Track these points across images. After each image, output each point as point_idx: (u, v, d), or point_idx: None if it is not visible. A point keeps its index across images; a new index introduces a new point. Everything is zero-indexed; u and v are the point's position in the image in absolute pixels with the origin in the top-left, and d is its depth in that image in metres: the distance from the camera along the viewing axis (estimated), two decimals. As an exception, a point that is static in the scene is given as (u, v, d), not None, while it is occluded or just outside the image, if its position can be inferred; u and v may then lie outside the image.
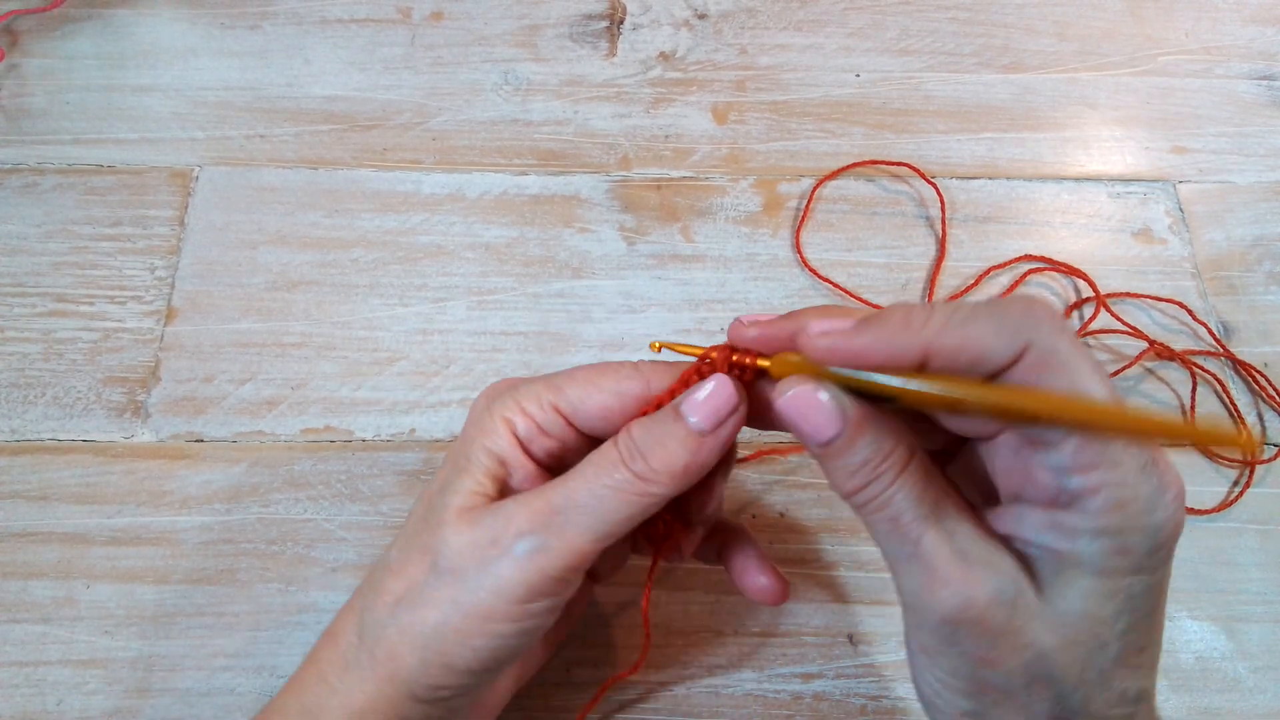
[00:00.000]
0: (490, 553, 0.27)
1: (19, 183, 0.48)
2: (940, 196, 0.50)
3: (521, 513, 0.27)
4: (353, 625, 0.28)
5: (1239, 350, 0.47)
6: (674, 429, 0.27)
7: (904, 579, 0.25)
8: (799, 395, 0.25)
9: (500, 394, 0.29)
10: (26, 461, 0.42)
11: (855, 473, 0.25)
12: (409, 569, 0.28)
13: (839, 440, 0.25)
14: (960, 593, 0.23)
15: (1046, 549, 0.24)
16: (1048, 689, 0.24)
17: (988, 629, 0.23)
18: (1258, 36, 0.57)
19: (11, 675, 0.37)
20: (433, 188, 0.50)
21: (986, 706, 0.25)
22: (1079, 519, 0.23)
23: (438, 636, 0.27)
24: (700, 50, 0.55)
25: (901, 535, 0.24)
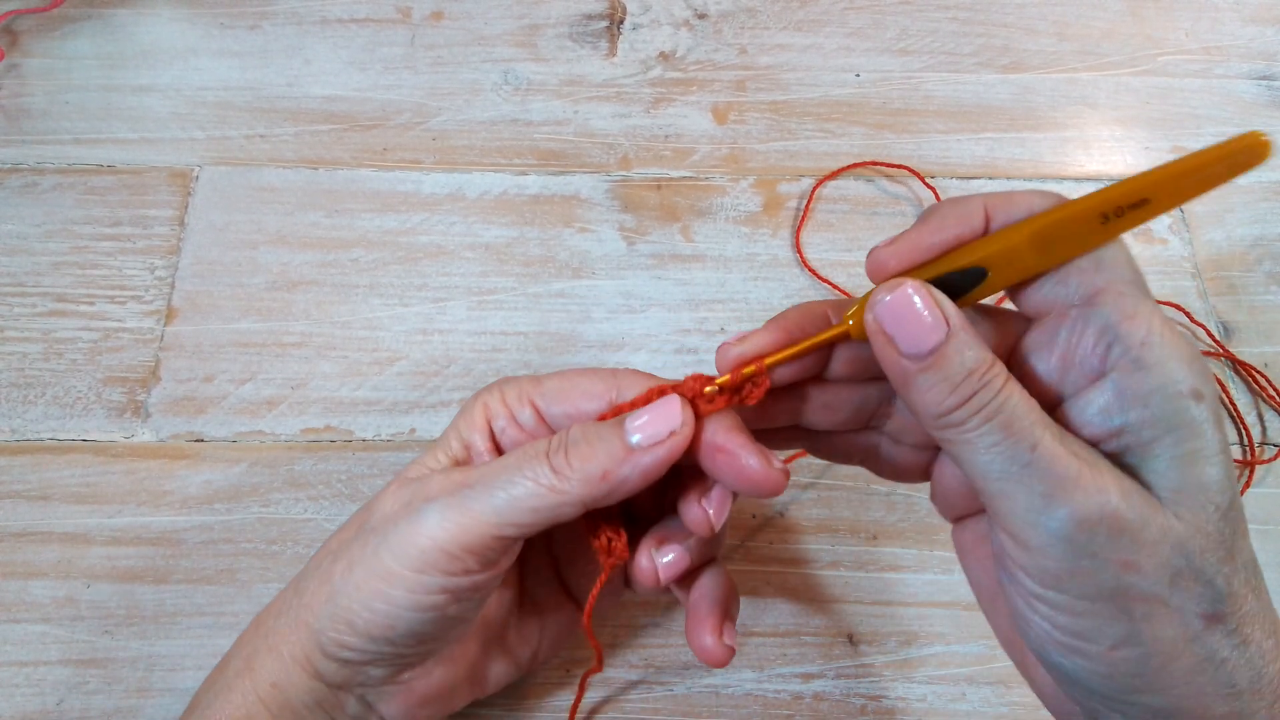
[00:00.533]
0: (400, 514, 0.27)
1: (19, 183, 0.48)
2: (939, 199, 0.50)
3: (438, 481, 0.27)
4: (294, 579, 0.30)
5: (1239, 350, 0.47)
6: (608, 434, 0.27)
7: (1018, 496, 0.23)
8: (899, 299, 0.23)
9: (496, 384, 0.30)
10: (26, 461, 0.42)
11: (961, 383, 0.23)
12: (347, 529, 0.29)
13: (946, 345, 0.23)
14: (1095, 492, 0.22)
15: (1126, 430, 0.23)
16: (1193, 580, 0.22)
17: (1127, 527, 0.22)
18: (1258, 36, 0.57)
19: (11, 675, 0.37)
20: (433, 188, 0.50)
21: (1138, 624, 0.22)
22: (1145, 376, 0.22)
23: (343, 590, 0.27)
24: (700, 50, 0.55)
25: (1016, 443, 0.22)
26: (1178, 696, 0.23)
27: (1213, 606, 0.22)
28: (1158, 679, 0.23)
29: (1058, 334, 0.24)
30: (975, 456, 0.23)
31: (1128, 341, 0.22)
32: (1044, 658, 0.25)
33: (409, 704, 0.30)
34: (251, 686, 0.28)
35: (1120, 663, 0.23)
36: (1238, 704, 0.22)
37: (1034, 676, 0.28)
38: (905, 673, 0.39)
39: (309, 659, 0.28)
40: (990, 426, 0.23)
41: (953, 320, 0.23)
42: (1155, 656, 0.22)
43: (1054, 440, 0.22)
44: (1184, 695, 0.23)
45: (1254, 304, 0.49)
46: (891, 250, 0.25)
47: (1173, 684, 0.23)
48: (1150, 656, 0.22)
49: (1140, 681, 0.23)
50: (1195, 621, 0.22)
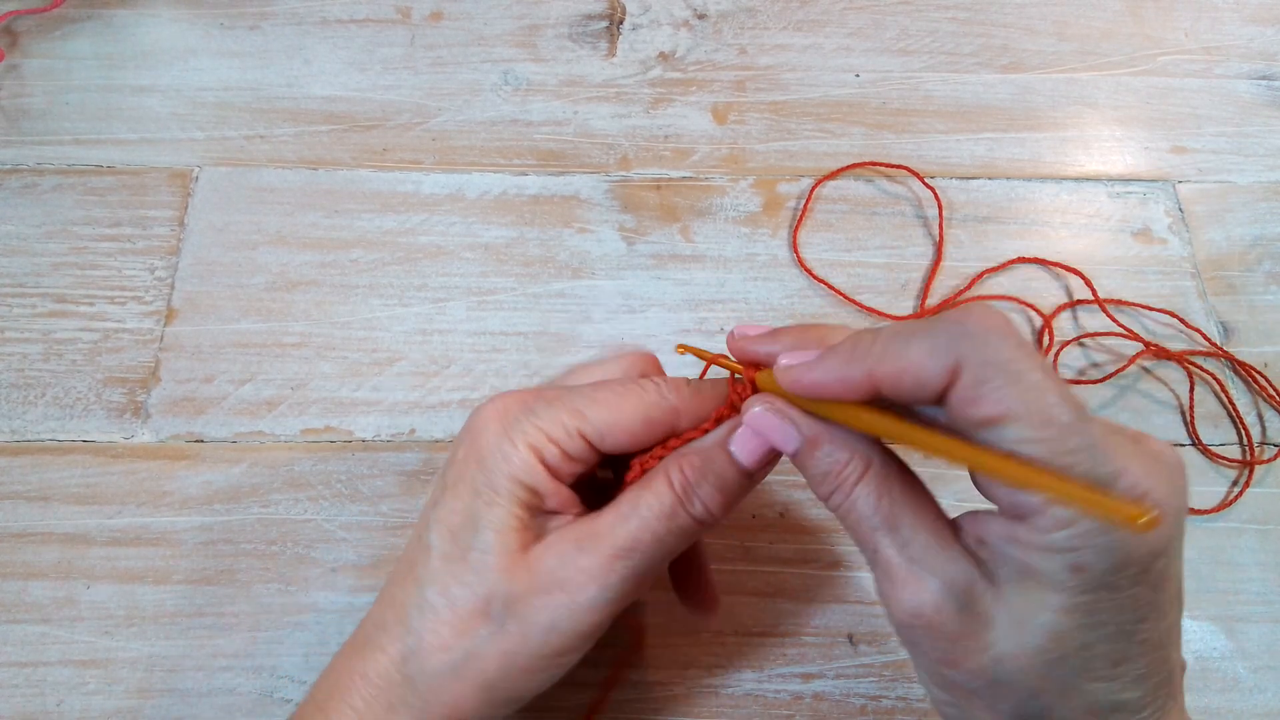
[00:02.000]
0: (562, 599, 0.27)
1: (19, 183, 0.48)
2: (938, 200, 0.50)
3: (589, 560, 0.27)
4: (393, 670, 0.28)
5: (1238, 350, 0.47)
6: (726, 470, 0.28)
7: (875, 581, 0.26)
8: (759, 415, 0.28)
9: (515, 418, 0.29)
10: (26, 461, 0.42)
11: (819, 482, 0.27)
12: (460, 617, 0.27)
13: (799, 454, 0.27)
14: (912, 597, 0.24)
15: (1008, 557, 0.24)
16: (1009, 691, 0.24)
17: (940, 632, 0.24)
18: (1257, 36, 0.57)
19: (11, 675, 0.37)
20: (432, 188, 0.50)
21: (958, 700, 0.26)
22: (1029, 533, 0.23)
23: (505, 680, 0.28)
24: (700, 50, 0.55)
25: (863, 541, 0.26)
26: None
27: (1029, 716, 0.24)
28: None
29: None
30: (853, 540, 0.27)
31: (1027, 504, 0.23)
32: None
33: None
34: None
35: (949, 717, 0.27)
36: None
37: None
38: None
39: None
40: (846, 522, 0.27)
41: (805, 431, 0.27)
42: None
43: (890, 545, 0.25)
44: None
45: (1254, 304, 0.49)
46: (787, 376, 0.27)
47: None
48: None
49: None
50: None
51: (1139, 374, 0.46)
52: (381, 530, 0.41)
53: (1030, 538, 0.23)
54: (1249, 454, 0.44)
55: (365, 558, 0.40)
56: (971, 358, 0.22)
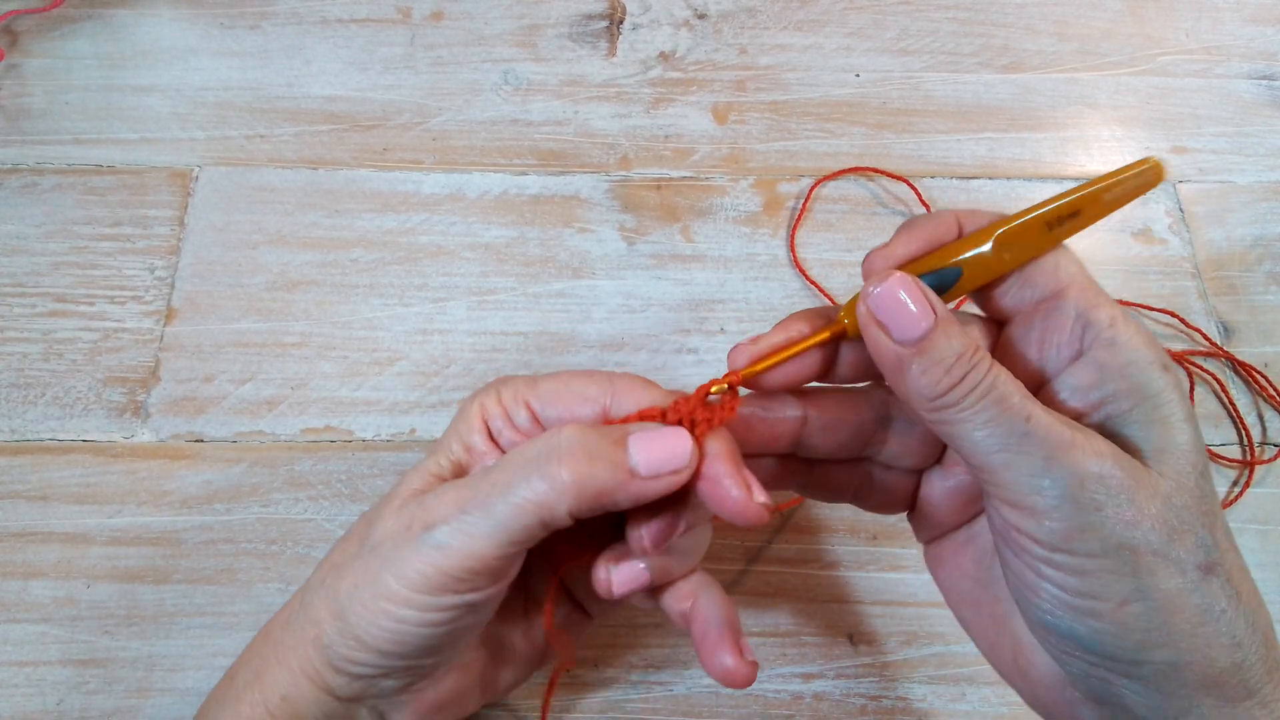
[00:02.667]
0: (403, 537, 0.27)
1: (19, 183, 0.48)
2: (927, 209, 0.50)
3: (435, 503, 0.27)
4: (300, 591, 0.30)
5: (1239, 350, 0.47)
6: (609, 452, 0.26)
7: (1019, 465, 0.24)
8: (888, 290, 0.25)
9: (488, 386, 0.30)
10: (26, 461, 0.42)
11: (953, 365, 0.24)
12: (350, 541, 0.29)
13: (934, 331, 0.24)
14: (1092, 452, 0.23)
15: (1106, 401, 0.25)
16: (1185, 532, 0.24)
17: (1124, 482, 0.23)
18: (1258, 36, 0.57)
19: (11, 675, 0.37)
20: (433, 188, 0.50)
21: (1143, 578, 0.23)
22: (1118, 353, 0.25)
23: (350, 607, 0.27)
24: (700, 50, 0.55)
25: (1011, 416, 0.24)
26: (1186, 649, 0.23)
27: (1206, 557, 0.24)
28: (1166, 633, 0.23)
29: (1032, 327, 0.27)
30: (973, 434, 0.24)
31: (1099, 325, 0.25)
32: (1055, 627, 0.25)
33: (421, 712, 0.30)
34: (261, 699, 0.28)
35: (1130, 618, 0.24)
36: (1239, 655, 0.24)
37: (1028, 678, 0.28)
38: (905, 673, 0.39)
39: (319, 673, 0.28)
40: (985, 403, 0.24)
41: (938, 308, 0.25)
42: (1161, 609, 0.23)
43: (1044, 411, 0.24)
44: (1191, 648, 0.23)
45: (1254, 304, 0.49)
46: (883, 252, 0.27)
47: (1180, 637, 0.23)
48: (1157, 610, 0.23)
49: (1150, 636, 0.24)
50: (1192, 573, 0.23)
51: (1139, 374, 0.46)
52: (381, 530, 0.41)
53: (1116, 357, 0.25)
54: (1249, 454, 0.44)
55: (365, 557, 0.40)
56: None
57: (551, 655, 0.34)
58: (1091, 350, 0.25)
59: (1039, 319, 0.27)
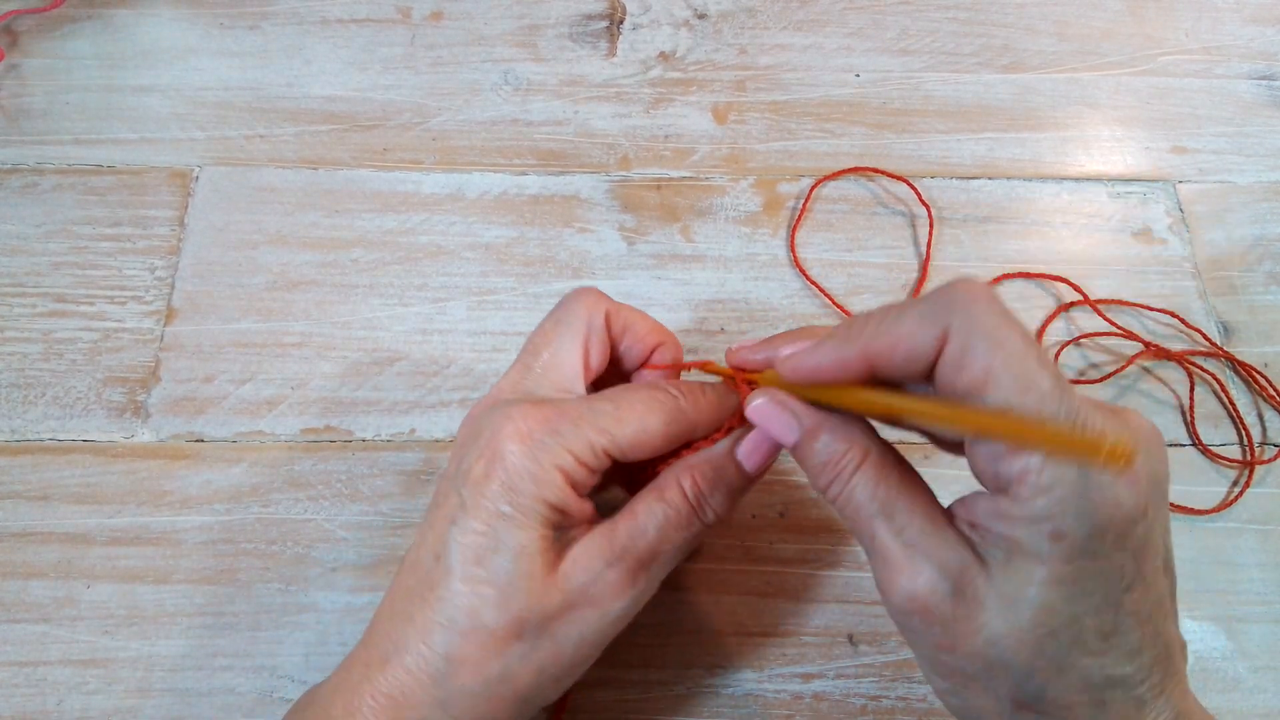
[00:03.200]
0: (590, 614, 0.28)
1: (19, 183, 0.48)
2: (930, 216, 0.50)
3: (614, 575, 0.29)
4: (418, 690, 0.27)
5: (1239, 350, 0.47)
6: (734, 478, 0.30)
7: (872, 569, 0.27)
8: (760, 407, 0.29)
9: (540, 440, 0.28)
10: (26, 461, 0.42)
11: (819, 472, 0.28)
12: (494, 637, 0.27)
13: (799, 445, 0.28)
14: (907, 582, 0.25)
15: (994, 535, 0.25)
16: (1004, 673, 0.25)
17: (934, 616, 0.25)
18: (1258, 36, 0.57)
19: (11, 675, 0.37)
20: (433, 188, 0.50)
21: (956, 687, 0.26)
22: (1010, 505, 0.24)
23: (536, 692, 0.28)
24: (700, 50, 0.55)
25: (860, 529, 0.27)
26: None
27: (1026, 698, 0.25)
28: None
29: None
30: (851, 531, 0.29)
31: (1008, 473, 0.24)
32: None
33: None
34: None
35: (951, 705, 0.27)
36: None
37: None
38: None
39: None
40: (845, 512, 0.27)
41: (805, 424, 0.28)
42: (974, 712, 0.26)
43: (887, 532, 0.26)
44: None
45: (1254, 304, 0.49)
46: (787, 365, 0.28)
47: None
48: (969, 710, 0.26)
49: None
50: (1007, 703, 0.25)
51: (1139, 374, 0.46)
52: (382, 530, 0.41)
53: (1012, 509, 0.24)
54: (1249, 454, 0.44)
55: (365, 558, 0.40)
56: (958, 325, 0.24)
57: None
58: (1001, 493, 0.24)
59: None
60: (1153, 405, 0.46)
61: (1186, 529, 0.42)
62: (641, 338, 0.34)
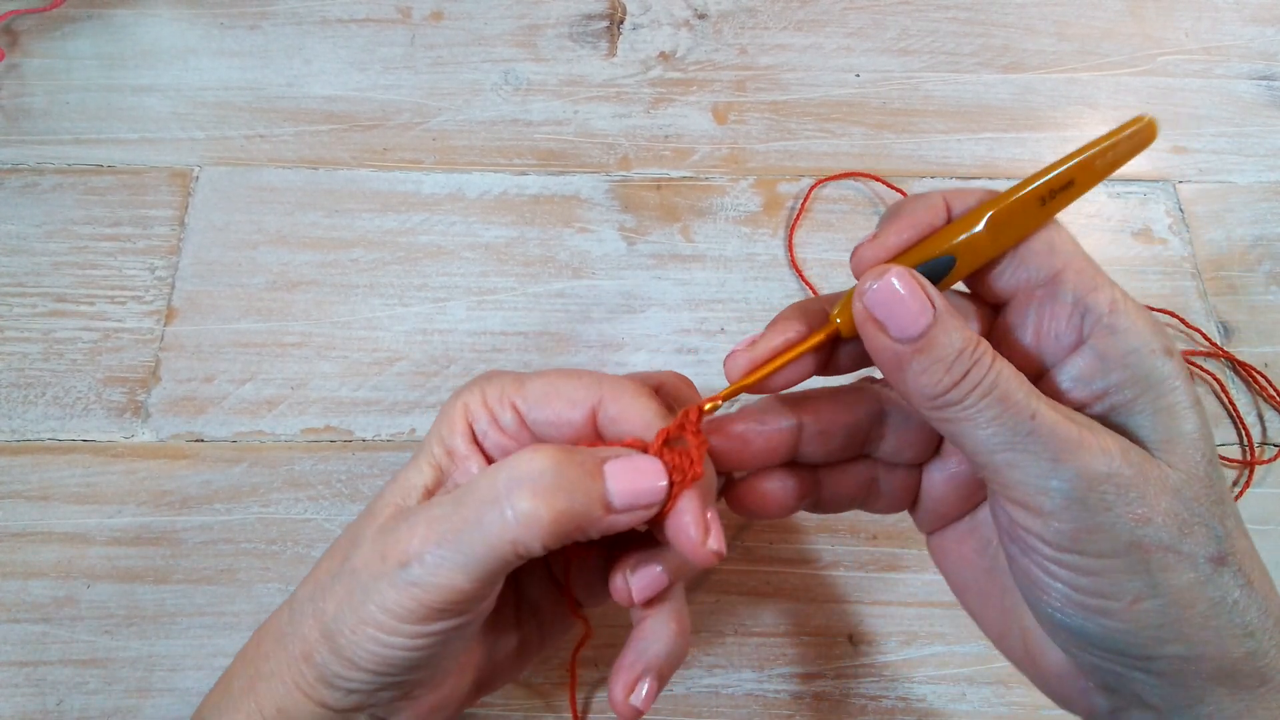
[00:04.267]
0: (379, 568, 0.26)
1: (19, 183, 0.48)
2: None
3: (409, 538, 0.25)
4: (288, 602, 0.29)
5: (1239, 350, 0.47)
6: (587, 486, 0.25)
7: (1024, 464, 0.23)
8: (886, 286, 0.24)
9: (470, 385, 0.29)
10: (26, 461, 0.42)
11: (954, 363, 0.23)
12: (334, 556, 0.28)
13: (934, 328, 0.23)
14: (1099, 451, 0.23)
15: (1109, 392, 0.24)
16: (1196, 525, 0.23)
17: (1133, 479, 0.23)
18: (1258, 36, 0.57)
19: (11, 675, 0.37)
20: (433, 188, 0.50)
21: (1155, 575, 0.23)
22: (1119, 340, 0.24)
23: (338, 630, 0.26)
24: (700, 50, 0.55)
25: (1015, 414, 0.23)
26: (1199, 642, 0.23)
27: (1218, 548, 0.23)
28: (1179, 627, 0.23)
29: (1028, 313, 0.26)
30: (976, 432, 0.24)
31: (1098, 310, 0.24)
32: (1065, 625, 0.25)
33: (420, 715, 0.30)
34: (257, 709, 0.28)
35: (1142, 615, 0.23)
36: (1252, 643, 0.23)
37: (1038, 666, 0.28)
38: (905, 673, 0.39)
39: (314, 687, 0.27)
40: (988, 401, 0.23)
41: (937, 302, 0.24)
42: (1174, 605, 0.23)
43: (1049, 409, 0.23)
44: (1204, 640, 0.23)
45: (1254, 304, 0.49)
46: (872, 244, 0.26)
47: (1193, 630, 0.23)
48: (1170, 605, 0.23)
49: (1163, 632, 0.23)
50: (1205, 566, 0.23)
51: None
52: (381, 530, 0.41)
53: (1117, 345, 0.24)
54: (1249, 454, 0.44)
55: (365, 557, 0.40)
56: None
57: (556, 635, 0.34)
58: (1092, 338, 0.24)
59: (1035, 305, 0.26)
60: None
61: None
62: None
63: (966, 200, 0.26)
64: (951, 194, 0.26)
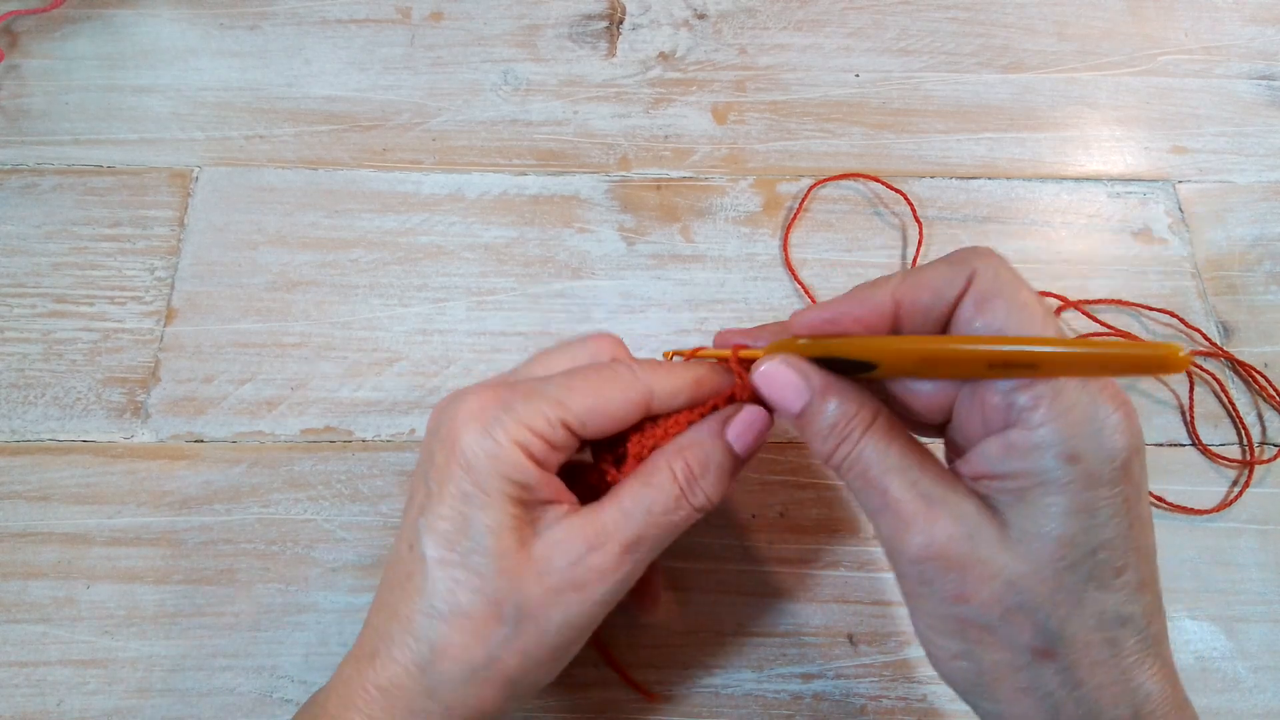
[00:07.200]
0: (575, 598, 0.28)
1: (19, 183, 0.48)
2: (920, 230, 0.50)
3: (599, 558, 0.28)
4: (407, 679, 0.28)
5: (1239, 350, 0.47)
6: (725, 460, 0.30)
7: (881, 529, 0.27)
8: (770, 370, 0.29)
9: (494, 415, 0.28)
10: (26, 461, 0.42)
11: (827, 435, 0.28)
12: (474, 621, 0.27)
13: (808, 408, 0.28)
14: (924, 531, 0.26)
15: (1006, 476, 0.25)
16: (1024, 617, 0.25)
17: (952, 563, 0.25)
18: (1258, 36, 0.57)
19: (11, 675, 0.37)
20: (433, 188, 0.50)
21: (971, 645, 0.26)
22: (1024, 434, 0.25)
23: (524, 676, 0.28)
24: (700, 50, 0.55)
25: (871, 487, 0.27)
26: (1009, 705, 0.26)
27: (1044, 644, 0.25)
28: (990, 690, 0.26)
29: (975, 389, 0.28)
30: (853, 493, 0.28)
31: (1020, 405, 0.25)
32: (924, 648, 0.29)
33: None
34: None
35: (957, 670, 0.27)
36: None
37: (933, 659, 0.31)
38: (905, 673, 0.39)
39: None
40: (853, 474, 0.27)
41: (814, 384, 0.28)
42: (986, 673, 0.26)
43: (901, 485, 0.26)
44: (1015, 708, 0.26)
45: (1254, 304, 0.49)
46: (804, 319, 0.29)
47: (1004, 695, 0.26)
48: (981, 672, 0.26)
49: (976, 689, 0.27)
50: (1024, 653, 0.25)
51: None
52: (381, 530, 0.41)
53: (1027, 438, 0.25)
54: (1249, 454, 0.44)
55: (365, 558, 0.40)
56: (982, 269, 0.26)
57: None
58: (1012, 428, 0.25)
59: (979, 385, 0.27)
60: (1152, 405, 0.46)
61: (1186, 529, 0.42)
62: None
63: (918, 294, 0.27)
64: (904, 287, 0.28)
